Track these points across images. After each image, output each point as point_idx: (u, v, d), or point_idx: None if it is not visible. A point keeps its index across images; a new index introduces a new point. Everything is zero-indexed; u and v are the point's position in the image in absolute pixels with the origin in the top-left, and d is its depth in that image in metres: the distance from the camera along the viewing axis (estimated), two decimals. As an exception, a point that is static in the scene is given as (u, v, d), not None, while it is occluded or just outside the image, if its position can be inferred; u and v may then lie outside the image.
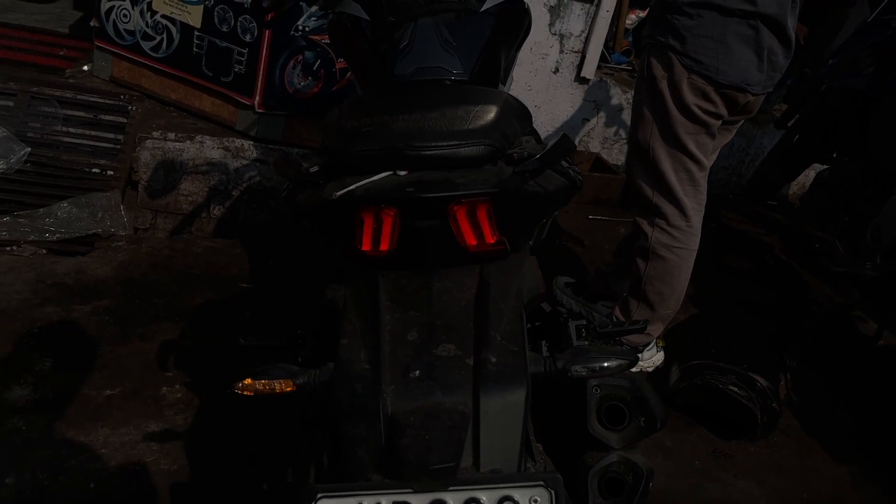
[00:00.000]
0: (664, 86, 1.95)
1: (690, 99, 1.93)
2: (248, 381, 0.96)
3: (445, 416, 0.89)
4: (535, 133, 1.43)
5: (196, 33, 2.91)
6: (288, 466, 1.11)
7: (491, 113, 1.15)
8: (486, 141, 1.11)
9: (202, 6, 2.86)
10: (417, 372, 0.94)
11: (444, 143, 1.09)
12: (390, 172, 1.08)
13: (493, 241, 1.05)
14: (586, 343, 1.34)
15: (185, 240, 2.68)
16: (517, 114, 1.26)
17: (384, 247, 1.02)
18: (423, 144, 1.09)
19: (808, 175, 3.83)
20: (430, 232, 1.05)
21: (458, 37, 1.49)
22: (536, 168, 1.06)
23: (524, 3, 1.68)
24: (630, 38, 4.45)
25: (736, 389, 2.11)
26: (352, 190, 1.04)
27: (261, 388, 0.96)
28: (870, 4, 3.14)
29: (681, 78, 1.92)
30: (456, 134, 1.10)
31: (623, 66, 3.99)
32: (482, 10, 1.55)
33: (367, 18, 1.54)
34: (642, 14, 4.50)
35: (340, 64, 2.92)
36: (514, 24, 1.66)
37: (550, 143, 1.08)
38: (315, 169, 1.12)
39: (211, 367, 2.02)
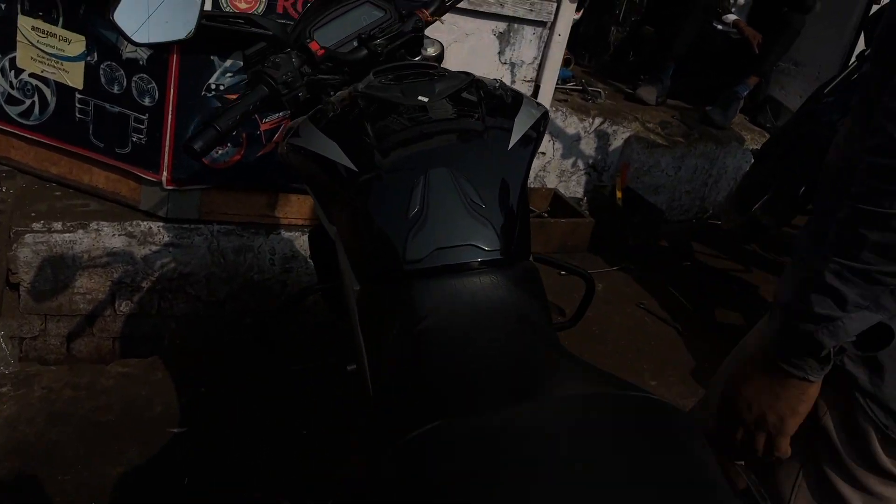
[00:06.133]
0: None
1: None
2: None
3: None
4: None
5: (78, 96, 2.32)
6: None
7: None
8: None
9: (83, 63, 2.28)
10: None
11: None
12: None
13: None
14: None
15: (90, 370, 2.13)
16: None
17: None
18: None
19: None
20: None
21: (484, 189, 1.06)
22: None
23: (546, 110, 1.26)
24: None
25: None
26: None
27: None
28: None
29: None
30: None
31: (573, 87, 3.62)
32: (510, 147, 1.11)
33: (353, 167, 1.07)
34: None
35: (266, 125, 2.40)
36: (536, 143, 1.23)
37: None
38: None
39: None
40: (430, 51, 1.50)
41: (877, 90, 0.93)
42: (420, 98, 1.12)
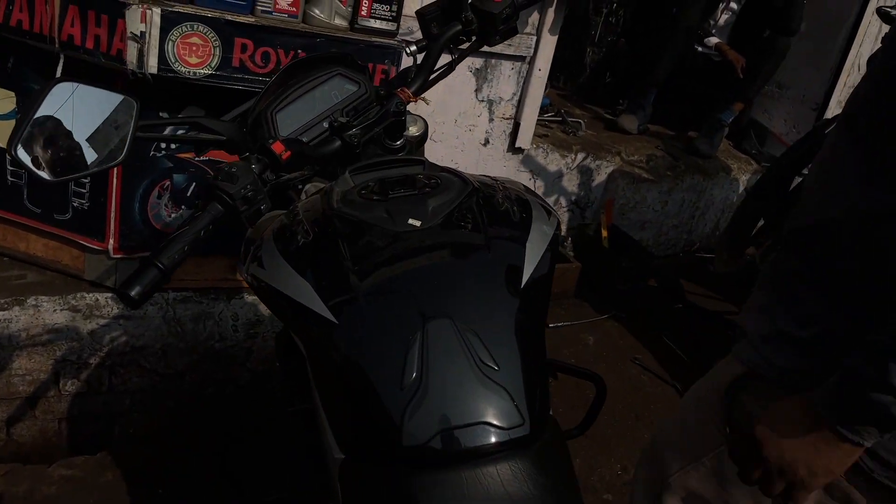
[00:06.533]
0: None
1: None
2: None
3: None
4: None
5: (9, 157, 2.06)
6: None
7: None
8: None
9: (13, 122, 2.01)
10: None
11: None
12: None
13: None
14: None
15: (29, 475, 1.88)
16: None
17: None
18: None
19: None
20: None
21: (496, 344, 0.85)
22: None
23: (559, 221, 1.06)
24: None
25: None
26: None
27: None
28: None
29: None
30: None
31: (552, 118, 3.43)
32: (525, 283, 0.91)
33: (331, 319, 0.86)
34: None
35: (224, 184, 2.16)
36: (552, 267, 1.03)
37: None
38: None
39: None
40: (413, 130, 1.29)
41: (867, 126, 0.91)
42: (411, 222, 0.91)
